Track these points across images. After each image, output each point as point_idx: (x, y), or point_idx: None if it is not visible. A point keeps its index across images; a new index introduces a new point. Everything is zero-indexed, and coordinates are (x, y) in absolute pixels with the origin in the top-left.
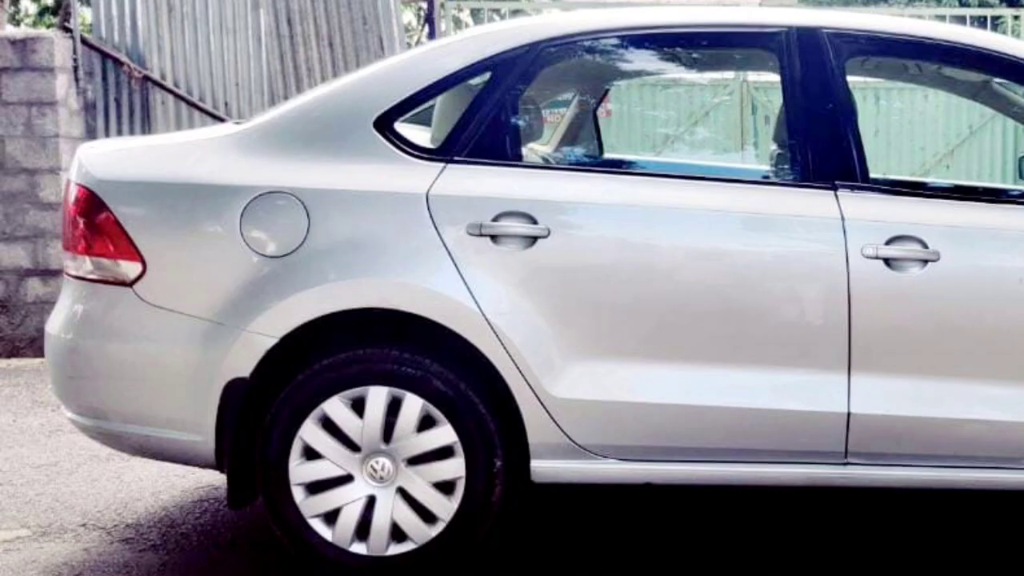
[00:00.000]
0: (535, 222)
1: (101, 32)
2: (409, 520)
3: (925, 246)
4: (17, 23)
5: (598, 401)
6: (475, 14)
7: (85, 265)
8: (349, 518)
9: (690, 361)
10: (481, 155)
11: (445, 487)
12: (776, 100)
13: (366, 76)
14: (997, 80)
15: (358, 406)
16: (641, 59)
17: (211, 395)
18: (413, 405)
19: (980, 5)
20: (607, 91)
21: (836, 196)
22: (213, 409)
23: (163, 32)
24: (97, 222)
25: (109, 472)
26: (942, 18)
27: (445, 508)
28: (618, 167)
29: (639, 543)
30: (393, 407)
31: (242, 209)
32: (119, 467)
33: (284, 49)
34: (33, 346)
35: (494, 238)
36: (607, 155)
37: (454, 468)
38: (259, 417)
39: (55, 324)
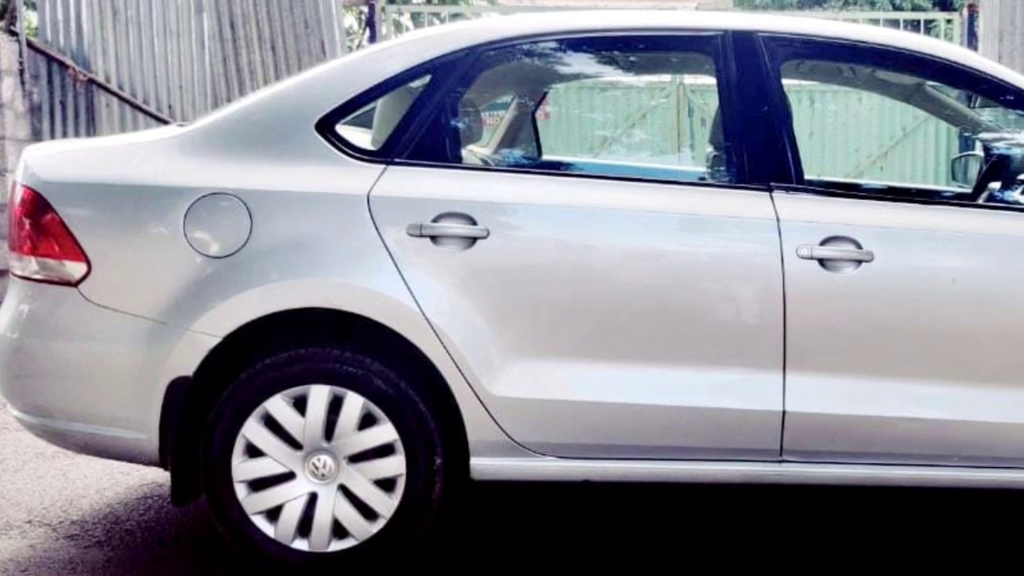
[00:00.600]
0: (474, 223)
1: (47, 36)
2: (350, 517)
3: (859, 246)
4: None
5: (537, 400)
6: (415, 18)
7: (31, 265)
8: (291, 515)
9: (628, 360)
10: (421, 157)
11: (386, 484)
12: (712, 103)
13: (308, 79)
14: (930, 83)
15: (300, 404)
16: (579, 62)
17: (155, 394)
18: (354, 403)
19: (913, 9)
20: (545, 94)
21: (771, 197)
22: (157, 407)
23: (108, 36)
24: (42, 223)
25: (55, 469)
26: (876, 22)
27: (386, 505)
28: (556, 168)
29: (579, 540)
30: (335, 405)
31: (185, 210)
32: (64, 464)
33: (227, 52)
34: None
35: (434, 239)
36: (545, 157)
37: (395, 466)
38: (202, 415)
39: (1, 324)
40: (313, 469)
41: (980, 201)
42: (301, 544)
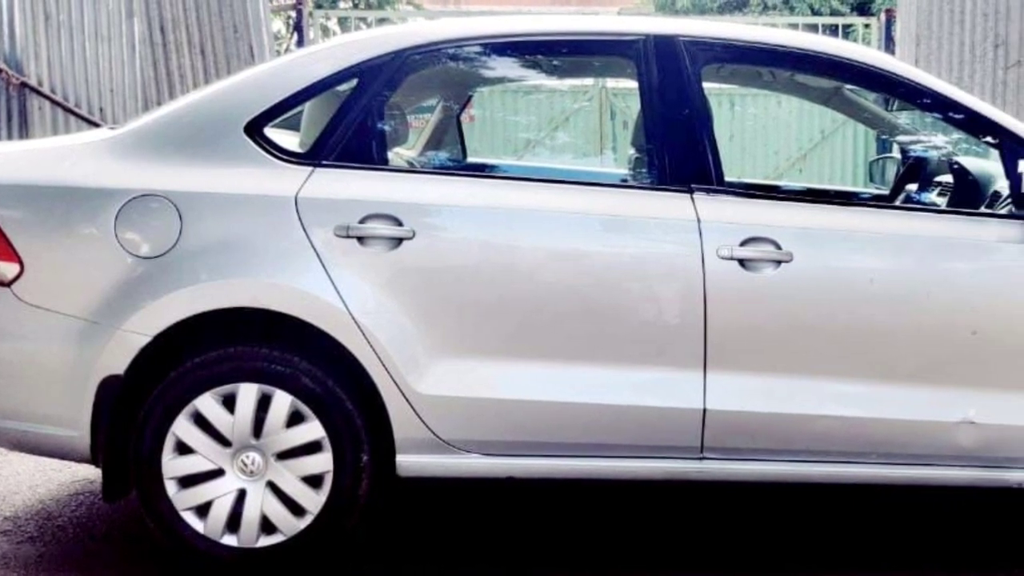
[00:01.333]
0: (400, 224)
1: None
2: (278, 513)
3: (778, 247)
4: None
5: (461, 397)
6: (342, 23)
7: None
8: (220, 511)
9: (551, 359)
10: (348, 159)
11: (313, 481)
12: (634, 106)
13: (237, 82)
14: (848, 87)
15: (229, 402)
16: (503, 66)
17: (86, 392)
18: (282, 401)
19: (832, 13)
20: (470, 97)
21: (692, 199)
22: (88, 405)
23: (40, 40)
24: None
25: None
26: (795, 26)
27: (313, 501)
28: (481, 171)
29: (503, 536)
30: (263, 403)
31: (116, 211)
32: None
33: (157, 56)
34: None
35: (361, 240)
36: (470, 159)
37: (322, 463)
38: (133, 413)
39: None
40: (242, 466)
41: (897, 203)
42: (230, 540)
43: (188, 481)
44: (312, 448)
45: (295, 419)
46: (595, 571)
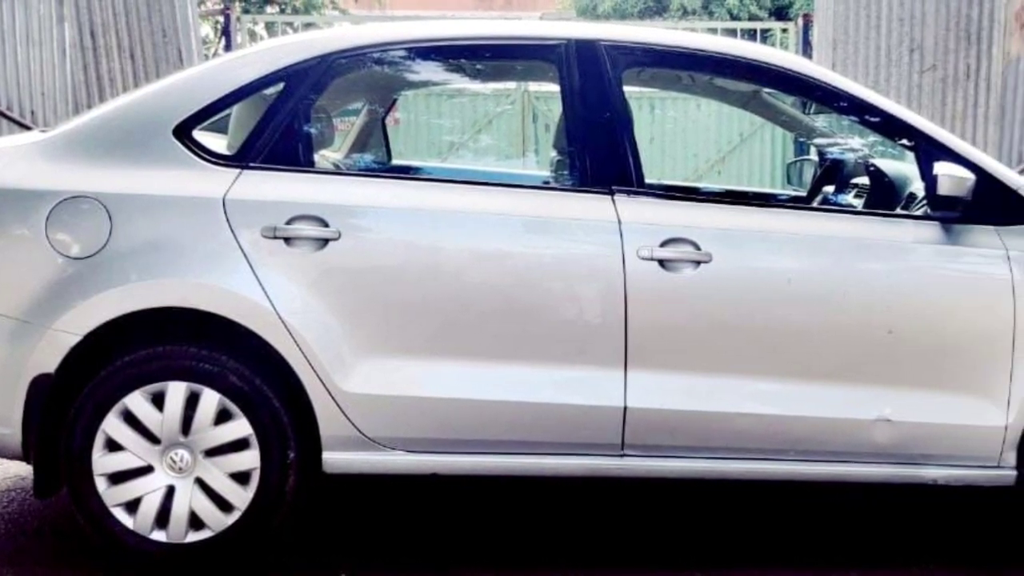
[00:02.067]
0: (326, 225)
1: None
2: (207, 509)
3: (698, 248)
4: None
5: (386, 396)
6: (269, 27)
7: None
8: (149, 507)
9: (475, 358)
10: (275, 161)
11: (241, 478)
12: (556, 109)
13: (166, 86)
14: (766, 90)
15: (158, 400)
16: (427, 70)
17: (18, 390)
18: (210, 399)
19: (750, 18)
20: (395, 100)
21: (613, 200)
22: (20, 403)
23: None
24: None
25: None
26: (714, 31)
27: (241, 498)
28: (405, 173)
29: (430, 533)
30: (191, 401)
31: (47, 213)
32: None
33: (88, 60)
34: None
35: (287, 240)
36: (395, 161)
37: (249, 459)
38: (64, 411)
39: None
40: (171, 463)
41: (814, 204)
42: (159, 535)
43: (118, 478)
44: (240, 445)
45: (223, 417)
46: (518, 568)
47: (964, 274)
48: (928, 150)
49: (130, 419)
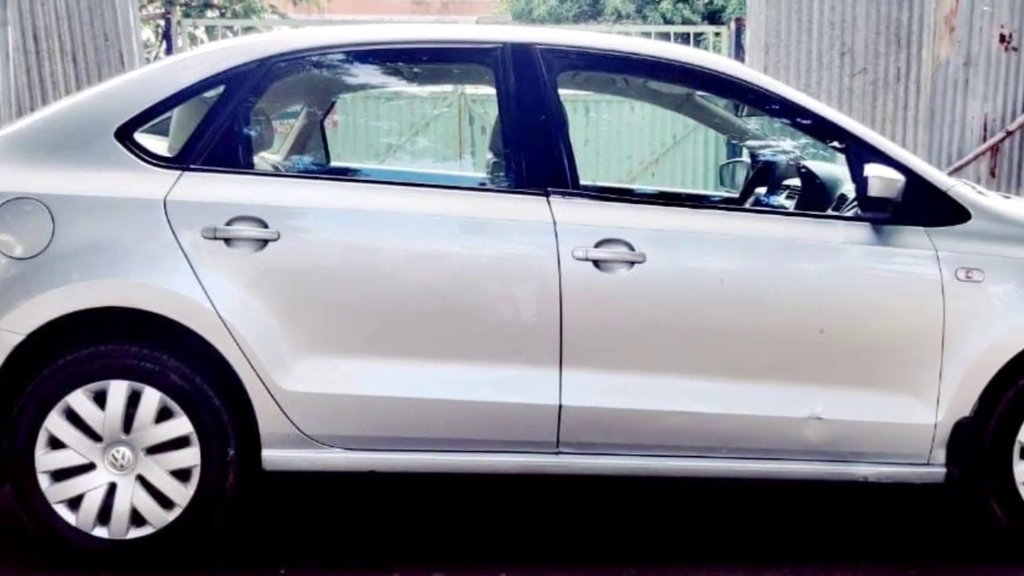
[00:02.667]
0: (266, 226)
1: None
2: (148, 506)
3: (632, 248)
4: None
5: (325, 394)
6: (210, 31)
7: None
8: (92, 504)
9: (412, 357)
10: (215, 163)
11: (181, 475)
12: (492, 112)
13: (108, 89)
14: (699, 93)
15: (100, 399)
16: (365, 73)
17: None
18: (151, 398)
19: (684, 22)
20: (334, 103)
21: (548, 202)
22: None
23: None
24: None
25: None
26: (648, 35)
27: (181, 494)
28: (344, 175)
29: (366, 530)
30: (133, 400)
31: None
32: None
33: (30, 64)
34: None
35: (228, 241)
36: (334, 163)
37: (190, 457)
38: (7, 409)
39: None
40: (112, 460)
41: (747, 205)
42: (101, 532)
43: (60, 475)
44: (180, 443)
45: (164, 415)
46: (455, 564)
47: (894, 274)
48: (859, 152)
49: (73, 417)
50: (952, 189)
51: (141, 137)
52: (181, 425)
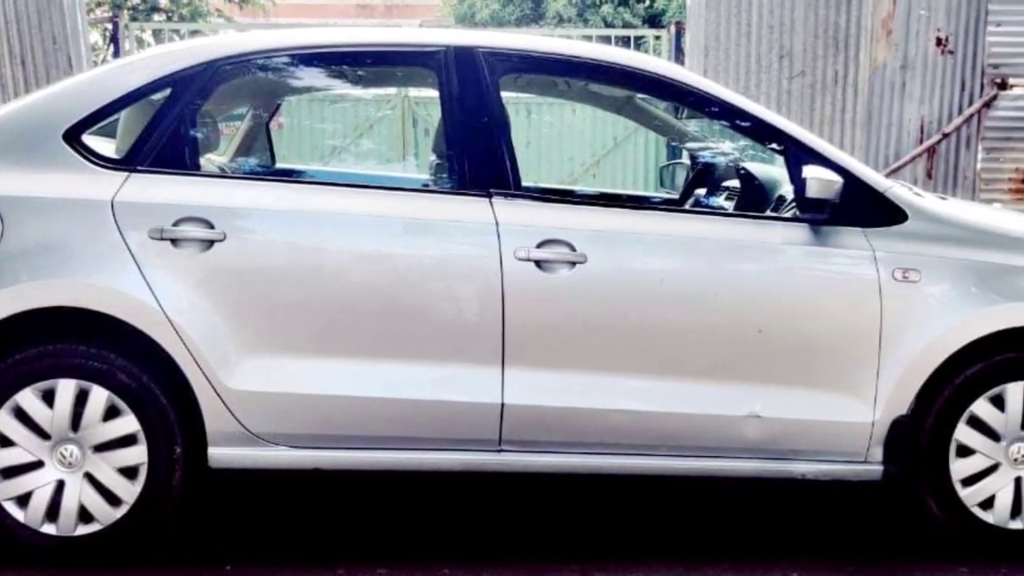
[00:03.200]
0: (212, 227)
1: None
2: (95, 503)
3: (573, 249)
4: None
5: (270, 393)
6: (156, 34)
7: None
8: (40, 501)
9: (356, 356)
10: (162, 165)
11: (129, 472)
12: (436, 114)
13: (56, 92)
14: (640, 95)
15: (48, 397)
16: (310, 76)
17: None
18: (99, 396)
19: (624, 26)
20: (279, 106)
21: (491, 203)
22: None
23: None
24: None
25: None
26: (589, 38)
27: (129, 492)
28: (289, 176)
29: (312, 528)
30: (81, 398)
31: None
32: None
33: None
34: None
35: (174, 242)
36: (279, 165)
37: (137, 455)
38: None
39: None
40: (61, 458)
41: (687, 206)
42: (49, 528)
43: (9, 472)
44: (128, 441)
45: (111, 413)
46: (400, 561)
47: (832, 274)
48: (797, 154)
49: (21, 415)
50: (889, 190)
51: (89, 139)
52: (128, 423)
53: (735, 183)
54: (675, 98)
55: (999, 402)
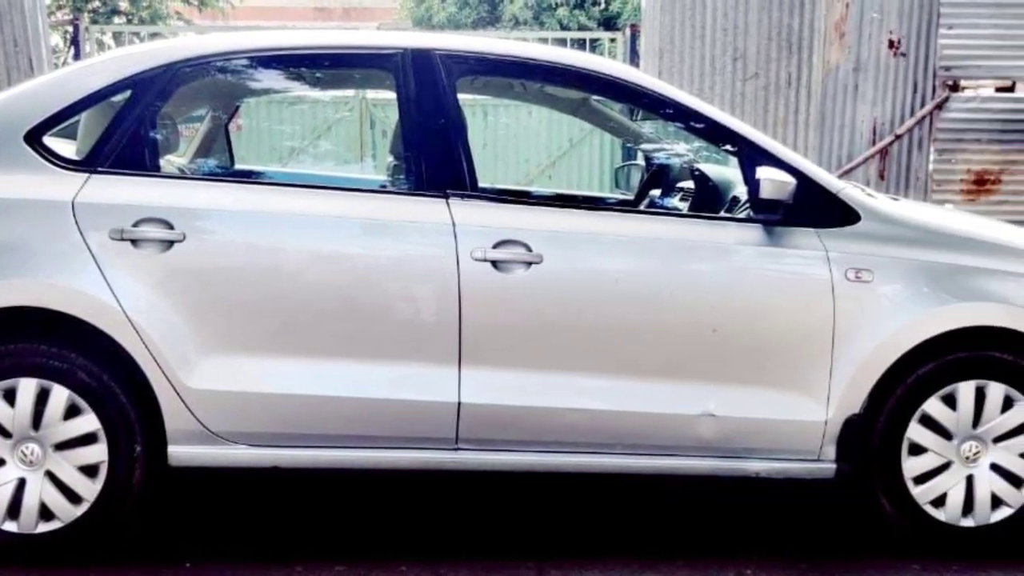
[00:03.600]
0: (171, 227)
1: None
2: (56, 501)
3: (529, 249)
4: None
5: (229, 391)
6: (117, 37)
7: None
8: (1, 499)
9: (314, 355)
10: (123, 166)
11: (89, 470)
12: (393, 116)
13: (17, 94)
14: (595, 97)
15: (10, 396)
16: (269, 78)
17: None
18: (60, 395)
19: (580, 29)
20: (238, 107)
21: (448, 204)
22: None
23: None
24: None
25: None
26: (545, 41)
27: (89, 490)
28: (248, 177)
29: (271, 526)
30: (42, 397)
31: None
32: None
33: None
34: None
35: (134, 242)
36: (238, 166)
37: (97, 453)
38: None
39: None
40: (22, 456)
41: (642, 207)
42: (10, 526)
43: None
44: (88, 439)
45: (72, 412)
46: (358, 559)
47: (785, 275)
48: (751, 155)
49: None
50: (842, 191)
51: (50, 140)
52: (89, 422)
53: (689, 184)
54: (630, 100)
55: (951, 401)
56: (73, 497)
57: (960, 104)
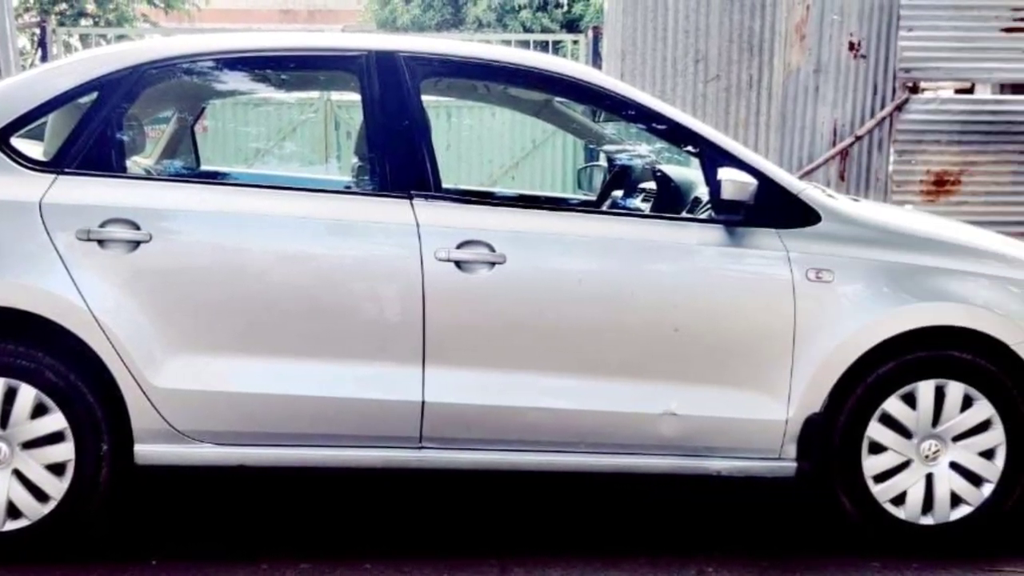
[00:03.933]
0: (138, 228)
1: None
2: (24, 499)
3: (492, 249)
4: None
5: (195, 391)
6: (84, 39)
7: None
8: None
9: (279, 354)
10: (89, 167)
11: (57, 469)
12: (358, 117)
13: None
14: (558, 99)
15: None
16: (234, 80)
17: None
18: (27, 394)
19: (543, 31)
20: (204, 109)
21: (412, 204)
22: None
23: None
24: None
25: None
26: (508, 43)
27: (56, 488)
28: (213, 178)
29: (238, 524)
30: (9, 396)
31: None
32: None
33: None
34: None
35: (101, 243)
36: (204, 167)
37: (64, 452)
38: None
39: None
40: None
41: (604, 208)
42: None
43: None
44: (55, 438)
45: (39, 411)
46: (324, 558)
47: (747, 275)
48: (712, 156)
49: None
50: (803, 192)
51: (17, 141)
52: (56, 421)
53: (651, 185)
54: (592, 101)
55: (911, 400)
56: (40, 495)
57: (920, 106)
